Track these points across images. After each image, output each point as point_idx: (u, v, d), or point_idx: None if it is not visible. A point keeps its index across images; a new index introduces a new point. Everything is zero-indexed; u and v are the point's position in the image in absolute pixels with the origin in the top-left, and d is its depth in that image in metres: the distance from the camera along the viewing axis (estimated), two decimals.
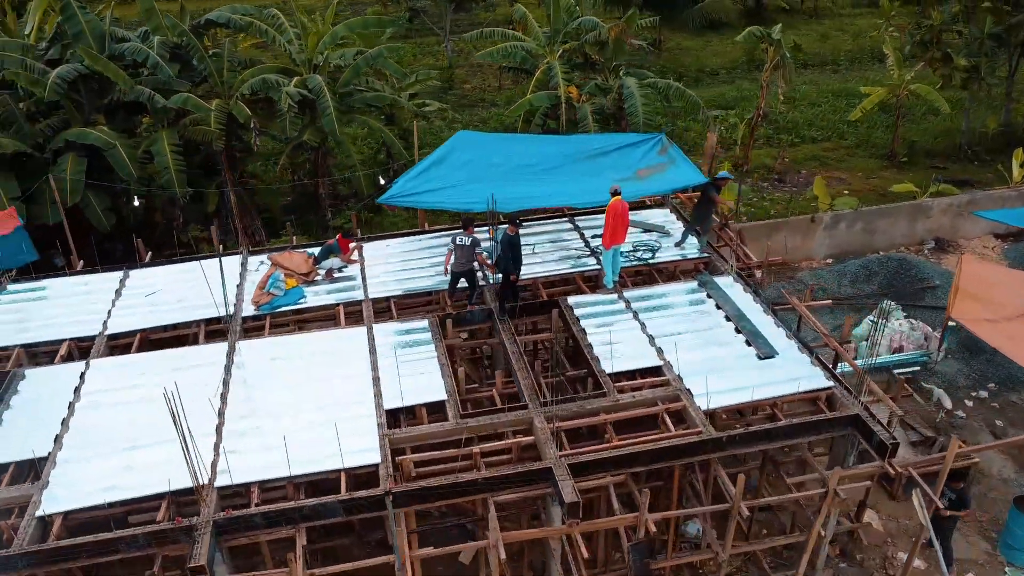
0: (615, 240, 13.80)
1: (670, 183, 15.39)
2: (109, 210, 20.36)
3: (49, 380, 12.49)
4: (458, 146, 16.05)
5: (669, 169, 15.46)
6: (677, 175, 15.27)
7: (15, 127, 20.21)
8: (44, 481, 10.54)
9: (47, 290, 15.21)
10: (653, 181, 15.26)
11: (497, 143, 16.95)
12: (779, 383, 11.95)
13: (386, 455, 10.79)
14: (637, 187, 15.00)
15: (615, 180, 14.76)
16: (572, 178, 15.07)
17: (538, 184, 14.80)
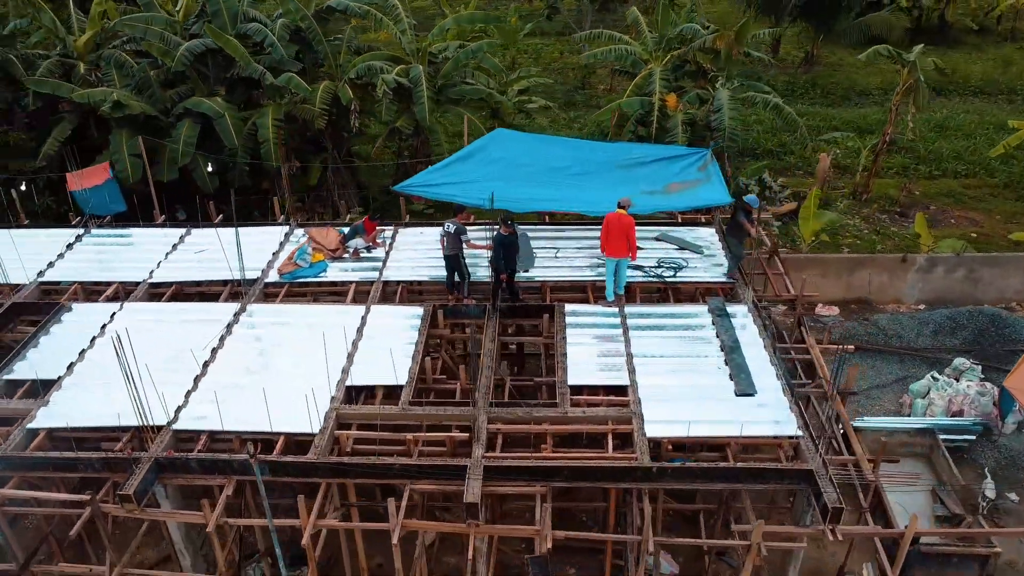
0: (614, 253, 13.50)
1: (694, 200, 14.75)
2: (213, 174, 22.40)
3: (87, 315, 14.15)
4: (492, 143, 16.26)
5: (701, 186, 14.80)
6: (704, 193, 14.61)
7: (149, 92, 22.73)
8: (45, 400, 12.06)
9: (127, 238, 17.12)
10: (681, 197, 14.70)
11: (533, 143, 16.92)
12: (745, 423, 11.22)
13: (327, 427, 11.34)
14: (662, 201, 14.54)
15: (644, 192, 14.43)
16: (599, 186, 14.82)
17: (560, 188, 14.70)
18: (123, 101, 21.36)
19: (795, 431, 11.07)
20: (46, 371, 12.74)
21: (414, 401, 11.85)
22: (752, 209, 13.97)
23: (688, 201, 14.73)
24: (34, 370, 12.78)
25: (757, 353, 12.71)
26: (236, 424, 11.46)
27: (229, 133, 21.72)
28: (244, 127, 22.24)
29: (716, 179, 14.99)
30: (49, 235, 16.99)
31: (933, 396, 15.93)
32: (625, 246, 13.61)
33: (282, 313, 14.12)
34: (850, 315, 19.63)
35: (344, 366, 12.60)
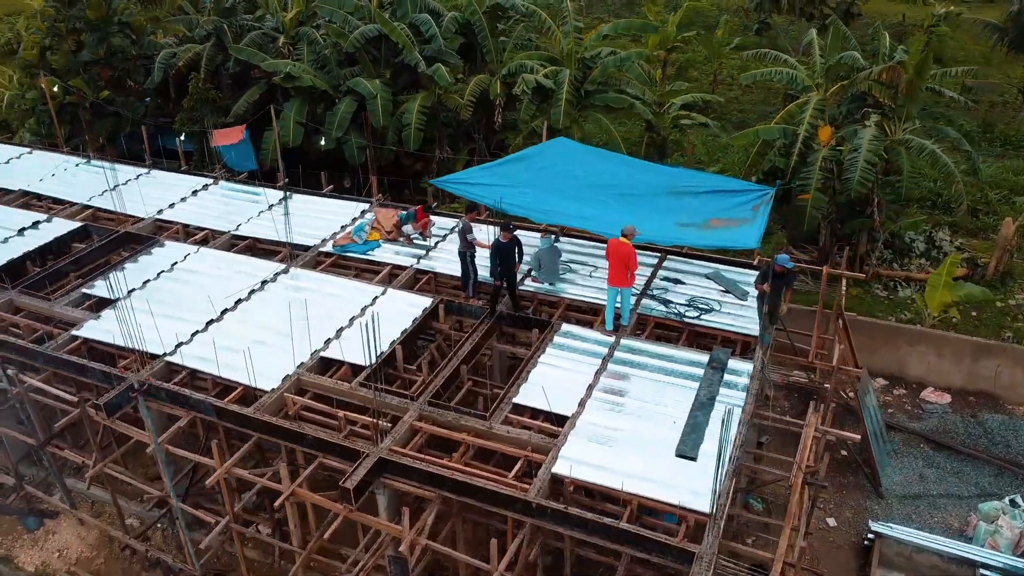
0: (615, 282, 12.89)
1: (723, 240, 13.47)
2: (362, 149, 24.37)
3: (170, 252, 16.38)
4: (547, 150, 16.05)
5: (741, 227, 13.50)
6: (739, 235, 13.28)
7: (327, 69, 25.23)
8: (97, 314, 14.30)
9: (240, 193, 19.31)
10: (714, 234, 13.52)
11: (588, 157, 16.25)
12: (664, 486, 10.33)
13: (279, 388, 12.27)
14: (692, 236, 13.51)
15: (680, 224, 13.58)
16: (634, 210, 14.07)
17: (591, 206, 14.16)
18: (294, 73, 23.99)
19: (706, 508, 9.96)
20: (114, 291, 15.04)
21: (365, 383, 12.33)
22: (784, 270, 12.47)
23: (717, 240, 13.51)
24: (107, 288, 15.13)
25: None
26: (215, 368, 12.74)
27: (377, 114, 23.49)
28: (396, 110, 23.92)
29: (760, 221, 13.59)
30: (187, 180, 19.72)
31: (1002, 524, 13.19)
32: (625, 275, 12.93)
33: (312, 280, 15.27)
34: (963, 408, 16.68)
35: (329, 337, 13.43)
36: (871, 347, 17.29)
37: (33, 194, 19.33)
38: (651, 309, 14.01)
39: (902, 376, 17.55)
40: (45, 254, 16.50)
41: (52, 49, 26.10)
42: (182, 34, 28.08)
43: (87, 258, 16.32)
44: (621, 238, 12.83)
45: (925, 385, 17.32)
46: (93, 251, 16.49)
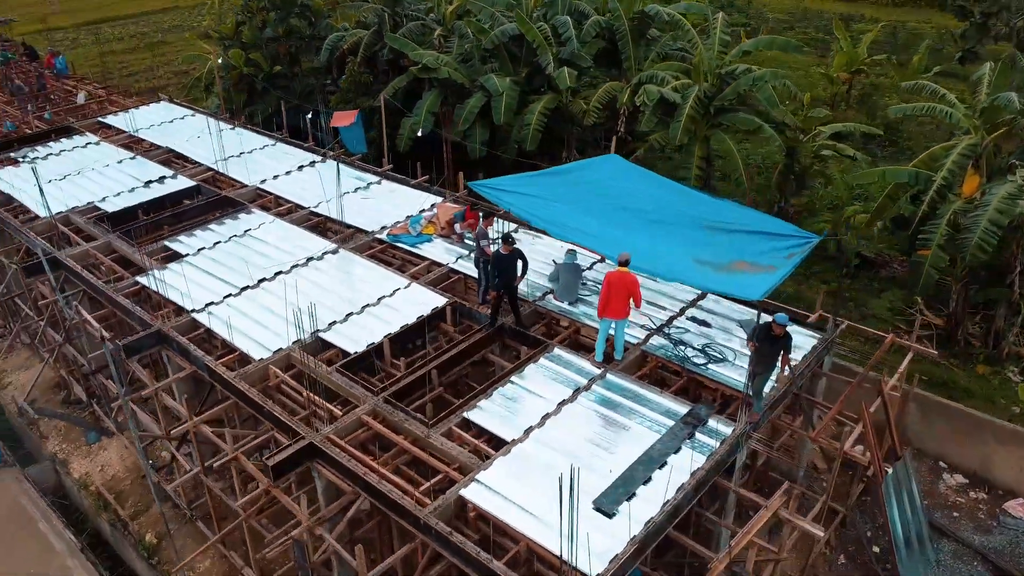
0: (614, 314, 12.19)
1: (729, 286, 12.11)
2: (483, 143, 24.75)
3: (250, 219, 17.81)
4: (594, 166, 15.29)
5: (763, 274, 12.07)
6: (749, 282, 11.87)
7: (470, 63, 25.90)
8: (164, 266, 15.93)
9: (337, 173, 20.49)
10: (729, 278, 12.21)
11: (634, 178, 15.04)
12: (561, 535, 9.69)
13: (265, 359, 13.03)
14: (704, 276, 12.31)
15: (698, 261, 12.51)
16: (663, 239, 13.07)
17: (618, 229, 13.32)
18: (431, 64, 24.87)
19: (594, 570, 9.18)
20: (190, 247, 16.69)
21: (341, 370, 12.71)
22: (782, 331, 11.09)
23: (723, 285, 12.17)
24: (185, 245, 16.83)
25: (676, 479, 10.49)
26: (226, 331, 13.75)
27: (499, 111, 23.74)
28: (521, 109, 24.03)
29: (783, 272, 12.07)
30: (300, 155, 21.26)
31: None
32: (626, 307, 12.18)
33: (351, 264, 15.89)
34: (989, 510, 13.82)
35: (335, 320, 13.96)
36: (952, 436, 14.84)
37: (176, 152, 21.84)
38: (659, 348, 13.05)
39: (988, 478, 14.86)
40: (155, 206, 18.60)
41: (244, 24, 29.16)
42: (356, 19, 30.10)
43: (186, 215, 18.19)
44: (621, 268, 12.10)
45: (1014, 494, 14.54)
46: (191, 209, 18.37)
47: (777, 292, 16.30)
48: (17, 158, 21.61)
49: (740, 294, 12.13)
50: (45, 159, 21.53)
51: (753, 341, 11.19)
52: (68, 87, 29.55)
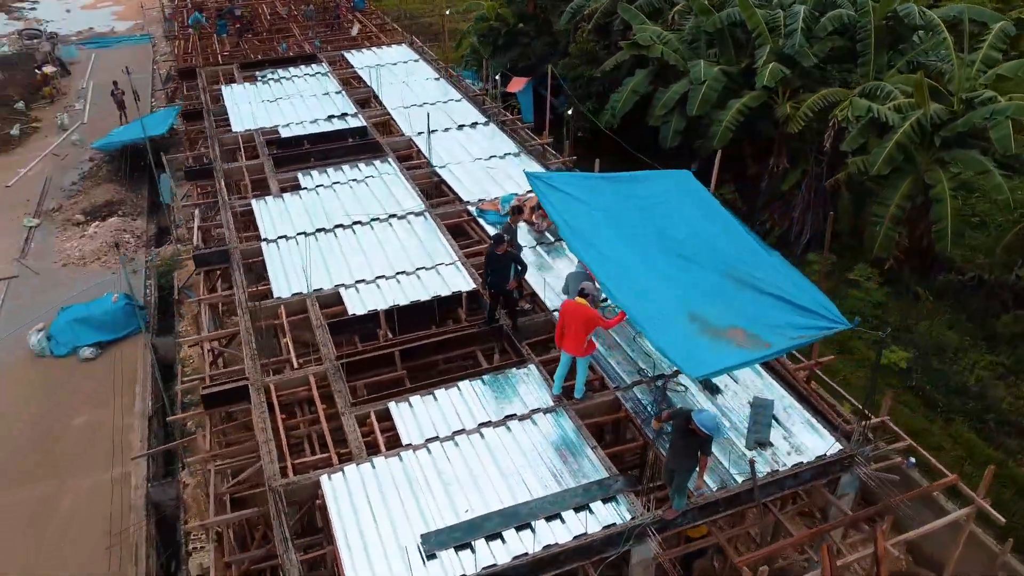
0: (571, 349, 10.91)
1: (682, 356, 9.85)
2: (679, 133, 22.82)
3: (381, 167, 18.68)
4: (658, 180, 13.19)
5: (747, 350, 9.76)
6: (715, 358, 9.61)
7: (695, 45, 23.89)
8: (282, 194, 17.51)
9: (488, 138, 20.41)
10: (707, 344, 10.03)
11: (690, 202, 12.41)
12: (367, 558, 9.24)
13: (283, 300, 13.87)
14: (688, 343, 10.26)
15: (704, 321, 10.59)
16: (676, 277, 11.13)
17: (632, 253, 11.53)
18: (643, 42, 23.44)
19: None
20: (313, 182, 18.08)
21: (331, 326, 13.09)
22: (701, 432, 9.01)
23: (683, 352, 9.92)
24: (311, 179, 18.27)
25: (526, 546, 9.29)
26: (274, 264, 14.84)
27: (694, 101, 21.76)
28: (724, 103, 21.73)
29: (767, 353, 9.56)
30: (475, 115, 21.60)
31: None
32: (582, 343, 10.83)
33: (424, 230, 15.88)
34: None
35: (363, 279, 14.28)
36: None
37: (374, 93, 23.46)
38: (638, 399, 11.39)
39: None
40: (320, 139, 20.31)
41: None
42: None
43: (334, 152, 19.60)
44: (579, 299, 10.74)
45: None
46: (342, 148, 19.74)
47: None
48: (258, 76, 24.92)
49: (685, 367, 9.97)
50: (277, 81, 24.53)
51: (657, 419, 9.27)
52: (356, 19, 33.04)
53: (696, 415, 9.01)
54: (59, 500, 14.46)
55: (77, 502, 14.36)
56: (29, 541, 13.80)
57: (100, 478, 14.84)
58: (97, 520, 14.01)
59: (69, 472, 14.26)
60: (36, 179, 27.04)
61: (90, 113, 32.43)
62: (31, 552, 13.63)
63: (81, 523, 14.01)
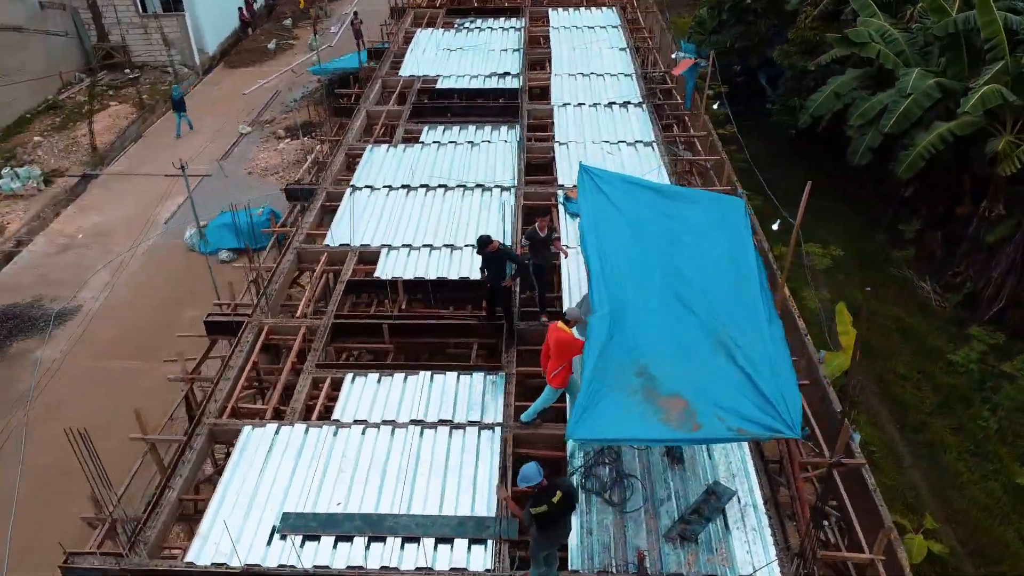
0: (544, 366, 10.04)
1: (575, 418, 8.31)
2: (870, 150, 19.41)
3: (505, 133, 18.21)
4: (705, 203, 11.15)
5: (680, 430, 8.17)
6: (645, 432, 8.09)
7: (927, 50, 20.03)
8: (394, 144, 17.86)
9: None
10: (635, 413, 8.50)
11: (724, 239, 10.14)
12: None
13: (328, 248, 14.29)
14: (612, 404, 8.79)
15: (658, 389, 9.13)
16: (650, 328, 9.56)
17: (631, 292, 10.02)
18: (855, 39, 20.09)
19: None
20: (432, 138, 18.18)
21: (351, 284, 13.28)
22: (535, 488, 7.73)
23: (584, 403, 8.33)
24: (434, 134, 18.38)
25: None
26: (341, 214, 15.25)
27: (891, 116, 18.39)
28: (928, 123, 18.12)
29: (692, 438, 7.80)
30: (633, 94, 20.23)
31: None
32: (551, 372, 9.82)
33: (501, 207, 15.35)
34: None
35: (408, 244, 14.21)
36: None
37: (548, 57, 22.75)
38: (585, 458, 10.14)
39: None
40: (471, 95, 20.26)
41: None
42: None
43: (474, 111, 19.42)
44: (560, 324, 9.74)
45: None
46: (481, 108, 19.50)
47: None
48: (456, 23, 25.32)
49: (571, 423, 8.50)
50: (470, 31, 24.75)
51: (502, 486, 8.13)
52: None
53: (524, 470, 7.86)
54: (140, 377, 16.37)
55: (151, 385, 16.18)
56: (107, 403, 15.75)
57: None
58: (157, 405, 15.77)
59: (157, 357, 16.02)
60: (269, 91, 30.27)
61: (341, 39, 35.30)
62: (107, 414, 15.63)
63: (151, 404, 15.84)
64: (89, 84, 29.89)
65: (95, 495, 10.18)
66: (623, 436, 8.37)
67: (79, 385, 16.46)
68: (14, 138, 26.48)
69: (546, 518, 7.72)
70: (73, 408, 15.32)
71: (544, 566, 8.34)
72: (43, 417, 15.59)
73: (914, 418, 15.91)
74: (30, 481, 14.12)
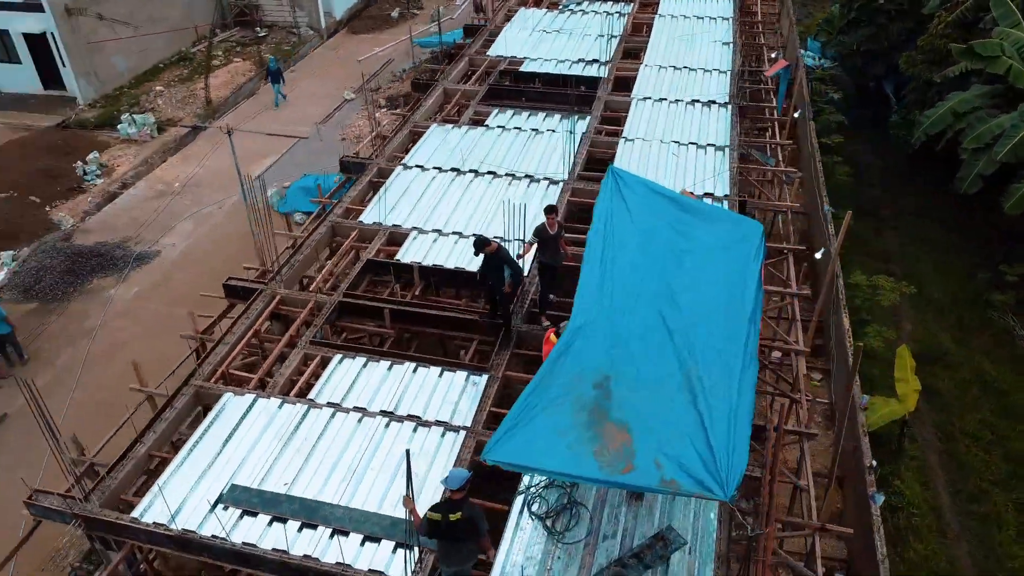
0: None
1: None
2: (980, 177, 17.33)
3: (572, 124, 17.60)
4: (724, 224, 10.19)
5: (609, 470, 7.58)
6: (568, 466, 7.56)
7: None
8: (461, 126, 17.69)
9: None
10: (567, 442, 7.94)
11: (733, 266, 9.14)
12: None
13: (361, 226, 14.38)
14: (549, 428, 8.25)
15: (611, 414, 8.62)
16: (629, 352, 8.93)
17: (618, 303, 9.44)
18: (982, 52, 17.91)
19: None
20: (498, 123, 17.88)
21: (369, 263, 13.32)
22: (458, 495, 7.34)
23: (515, 417, 7.79)
24: (500, 119, 18.06)
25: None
26: (383, 191, 15.34)
27: (1006, 143, 16.35)
28: None
29: (616, 481, 7.13)
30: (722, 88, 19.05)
31: None
32: None
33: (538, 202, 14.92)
34: None
35: (437, 228, 14.12)
36: None
37: (643, 48, 21.75)
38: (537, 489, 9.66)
39: None
40: (551, 81, 19.70)
41: None
42: None
43: (549, 97, 18.89)
44: (553, 335, 9.47)
45: None
46: (556, 95, 18.92)
47: None
48: (562, 3, 24.70)
49: (491, 442, 7.98)
50: (574, 13, 24.07)
51: (408, 495, 7.81)
52: None
53: (451, 475, 7.65)
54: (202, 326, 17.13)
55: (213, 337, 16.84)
56: (170, 349, 16.29)
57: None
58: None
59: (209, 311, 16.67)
60: (382, 60, 30.81)
61: (464, 12, 35.36)
62: (169, 360, 16.32)
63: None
64: (210, 39, 31.50)
65: (76, 439, 10.83)
66: (544, 467, 7.85)
67: (146, 327, 17.45)
68: (144, 85, 28.41)
69: (432, 528, 7.67)
70: (135, 349, 16.22)
71: None
72: (105, 353, 16.68)
73: (974, 485, 14.19)
74: (72, 411, 15.14)
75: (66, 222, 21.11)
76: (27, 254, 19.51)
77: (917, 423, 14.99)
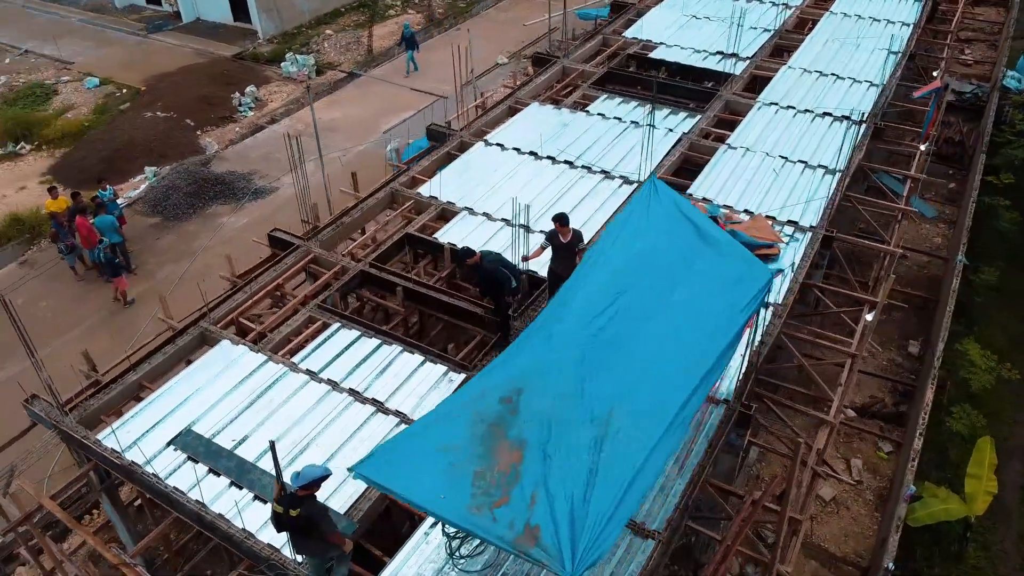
0: None
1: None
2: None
3: (670, 120, 16.44)
4: (738, 262, 8.81)
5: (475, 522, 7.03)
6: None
7: None
8: (545, 105, 17.03)
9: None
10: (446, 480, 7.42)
11: (720, 306, 7.79)
12: None
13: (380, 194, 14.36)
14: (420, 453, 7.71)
15: (511, 441, 8.07)
16: (548, 380, 8.16)
17: (567, 328, 8.62)
18: None
19: None
20: (587, 112, 17.00)
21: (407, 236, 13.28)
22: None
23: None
24: (596, 106, 17.12)
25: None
26: (457, 168, 15.17)
27: None
28: None
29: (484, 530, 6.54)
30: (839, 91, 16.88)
31: None
32: None
33: (608, 203, 14.06)
34: None
35: (467, 208, 13.82)
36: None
37: (796, 46, 19.67)
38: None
39: None
40: (676, 71, 18.52)
41: None
42: None
43: (666, 89, 17.68)
44: None
45: None
46: (674, 87, 17.71)
47: None
48: None
49: (362, 459, 7.54)
50: (738, 1, 22.20)
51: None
52: None
53: (305, 469, 7.58)
54: None
55: None
56: None
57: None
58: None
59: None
60: (546, 27, 30.32)
61: None
62: None
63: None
64: None
65: (87, 354, 11.77)
66: (407, 494, 7.29)
67: (246, 258, 18.66)
68: (321, 27, 29.97)
69: (276, 519, 7.77)
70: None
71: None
72: (199, 274, 18.05)
73: None
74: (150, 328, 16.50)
75: (211, 148, 22.91)
76: (166, 172, 21.40)
77: (993, 529, 12.76)
